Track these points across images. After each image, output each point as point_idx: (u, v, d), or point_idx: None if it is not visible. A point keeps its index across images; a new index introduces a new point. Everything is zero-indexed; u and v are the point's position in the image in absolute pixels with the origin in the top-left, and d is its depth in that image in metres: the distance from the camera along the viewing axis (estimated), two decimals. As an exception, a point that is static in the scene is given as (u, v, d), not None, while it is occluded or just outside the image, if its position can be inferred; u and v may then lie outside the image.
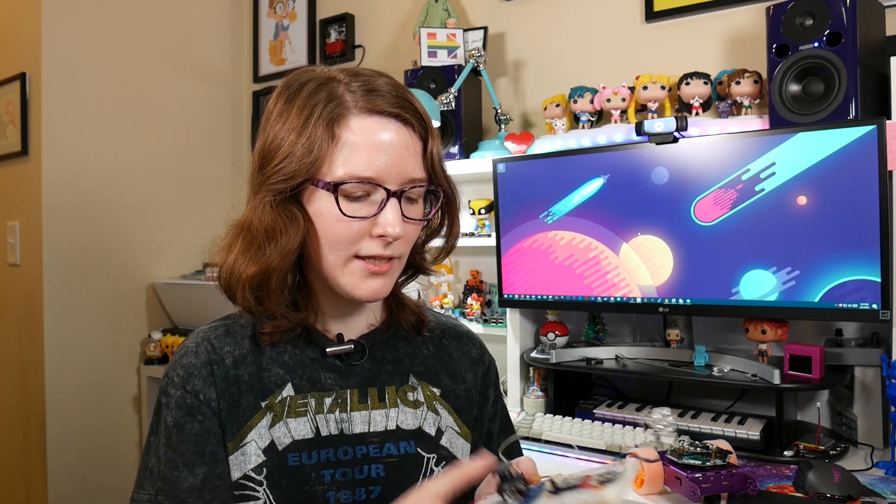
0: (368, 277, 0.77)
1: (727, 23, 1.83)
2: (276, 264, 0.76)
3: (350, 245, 0.76)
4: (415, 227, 0.80)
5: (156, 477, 0.76)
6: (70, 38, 2.39)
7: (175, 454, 0.75)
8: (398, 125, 0.76)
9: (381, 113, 0.76)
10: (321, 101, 0.75)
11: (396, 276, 0.83)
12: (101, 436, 2.46)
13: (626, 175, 1.60)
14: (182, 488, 0.74)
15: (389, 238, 0.76)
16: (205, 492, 0.74)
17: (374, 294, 0.78)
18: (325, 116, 0.74)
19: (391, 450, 0.80)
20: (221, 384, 0.77)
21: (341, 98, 0.76)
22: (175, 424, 0.76)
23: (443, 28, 2.10)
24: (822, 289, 1.39)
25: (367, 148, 0.74)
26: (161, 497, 0.74)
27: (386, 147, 0.75)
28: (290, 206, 0.76)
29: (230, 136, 2.89)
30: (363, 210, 0.75)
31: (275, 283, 0.77)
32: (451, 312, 2.07)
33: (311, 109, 0.75)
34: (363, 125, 0.75)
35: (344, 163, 0.74)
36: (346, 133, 0.74)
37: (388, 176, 0.75)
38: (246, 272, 0.76)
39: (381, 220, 0.75)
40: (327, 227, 0.76)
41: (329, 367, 0.82)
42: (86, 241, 2.42)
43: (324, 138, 0.73)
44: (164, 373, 0.80)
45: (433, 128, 0.80)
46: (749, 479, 1.14)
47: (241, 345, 0.80)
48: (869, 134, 1.32)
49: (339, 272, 0.77)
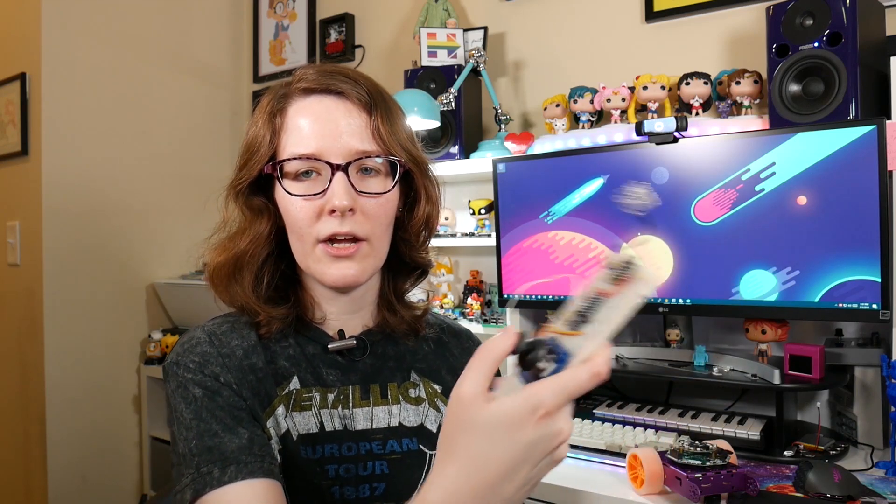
0: (334, 262, 0.78)
1: (727, 23, 1.83)
2: (244, 249, 0.79)
3: (308, 228, 0.77)
4: (376, 203, 0.78)
5: (192, 455, 0.70)
6: (70, 38, 2.39)
7: (210, 421, 0.71)
8: (334, 99, 0.78)
9: (317, 91, 0.78)
10: (271, 95, 0.81)
11: (372, 263, 0.80)
12: (101, 436, 2.46)
13: (626, 175, 1.60)
14: (229, 450, 0.69)
15: (338, 210, 0.75)
16: (254, 448, 0.70)
17: (341, 279, 0.78)
18: (269, 109, 0.79)
19: (394, 447, 0.80)
20: (237, 373, 0.76)
21: (287, 89, 0.80)
22: (205, 395, 0.73)
23: (443, 28, 2.10)
24: (822, 289, 1.39)
25: (306, 126, 0.77)
26: (205, 468, 0.68)
27: (323, 122, 0.77)
28: (255, 199, 0.81)
29: (230, 136, 2.89)
30: (311, 188, 0.77)
31: (246, 273, 0.79)
32: (451, 312, 2.07)
33: (264, 106, 0.80)
34: (301, 106, 0.78)
35: (287, 145, 0.78)
36: (286, 119, 0.79)
37: (330, 150, 0.76)
38: (216, 261, 0.80)
39: (328, 193, 0.76)
40: (287, 214, 0.79)
41: (331, 364, 0.82)
42: (86, 241, 2.43)
43: (266, 129, 0.78)
44: (170, 361, 0.77)
45: (382, 101, 0.80)
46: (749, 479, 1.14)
47: (247, 338, 0.80)
48: (869, 134, 1.32)
49: (309, 260, 0.79)
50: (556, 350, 0.52)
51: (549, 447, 0.50)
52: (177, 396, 0.74)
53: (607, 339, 0.52)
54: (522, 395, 0.49)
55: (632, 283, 0.52)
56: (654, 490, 1.22)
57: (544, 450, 0.50)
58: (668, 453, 1.20)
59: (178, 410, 0.73)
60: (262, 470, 0.69)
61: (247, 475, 0.68)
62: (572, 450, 1.47)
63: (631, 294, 0.52)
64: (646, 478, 1.21)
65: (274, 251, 0.82)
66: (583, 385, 0.50)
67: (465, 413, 0.51)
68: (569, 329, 0.52)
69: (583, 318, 0.52)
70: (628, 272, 0.53)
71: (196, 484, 0.68)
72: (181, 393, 0.74)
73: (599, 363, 0.50)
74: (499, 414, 0.49)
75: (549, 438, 0.50)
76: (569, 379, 0.50)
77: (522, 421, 0.49)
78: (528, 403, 0.49)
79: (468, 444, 0.50)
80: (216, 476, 0.68)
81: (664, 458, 1.21)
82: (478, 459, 0.50)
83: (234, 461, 0.68)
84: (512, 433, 0.49)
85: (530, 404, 0.49)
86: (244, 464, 0.68)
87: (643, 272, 0.52)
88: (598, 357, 0.51)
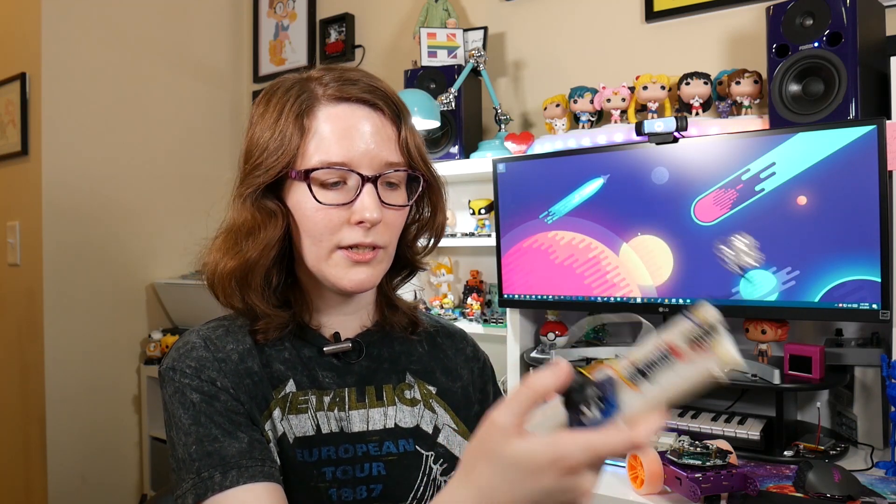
0: (352, 267, 0.77)
1: (727, 23, 1.82)
2: (255, 258, 0.77)
3: (330, 235, 0.76)
4: (397, 214, 0.80)
5: (192, 460, 0.70)
6: (70, 38, 2.39)
7: (209, 426, 0.71)
8: (368, 110, 0.77)
9: (349, 100, 0.77)
10: (293, 96, 0.77)
11: (384, 268, 0.81)
12: (101, 436, 2.46)
13: (626, 175, 1.60)
14: (230, 454, 0.69)
15: (367, 223, 0.75)
16: (255, 452, 0.70)
17: (359, 284, 0.78)
18: (294, 110, 0.76)
19: (390, 448, 0.80)
20: (234, 377, 0.75)
21: (312, 91, 0.78)
22: (202, 400, 0.73)
23: (443, 28, 2.10)
24: (822, 289, 1.38)
25: (337, 134, 0.75)
26: (206, 473, 0.68)
27: (356, 132, 0.76)
28: (268, 201, 0.78)
29: (230, 136, 2.89)
30: (339, 197, 0.76)
31: (256, 278, 0.78)
32: (451, 312, 2.07)
33: (283, 105, 0.77)
34: (332, 113, 0.76)
35: (315, 151, 0.75)
36: (315, 123, 0.76)
37: (362, 161, 0.75)
38: (226, 267, 0.78)
39: (357, 205, 0.75)
40: (306, 219, 0.77)
41: (326, 366, 0.82)
42: (86, 240, 2.43)
43: (294, 130, 0.75)
44: (166, 367, 0.76)
45: (407, 113, 0.81)
46: (749, 479, 1.14)
47: (242, 342, 0.79)
48: (869, 134, 1.32)
49: (324, 264, 0.77)
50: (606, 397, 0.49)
51: (565, 499, 0.49)
52: (174, 402, 0.74)
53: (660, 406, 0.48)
54: (549, 443, 0.48)
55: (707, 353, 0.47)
56: (654, 490, 1.22)
57: (559, 499, 0.49)
58: (668, 453, 1.20)
59: (175, 416, 0.73)
60: (262, 473, 0.69)
61: (248, 479, 0.68)
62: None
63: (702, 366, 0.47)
64: (646, 478, 1.21)
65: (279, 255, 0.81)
66: (615, 451, 0.47)
67: (491, 442, 0.50)
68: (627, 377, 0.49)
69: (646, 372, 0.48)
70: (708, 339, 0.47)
71: (197, 489, 0.68)
72: (178, 398, 0.74)
73: (641, 434, 0.47)
74: (521, 454, 0.49)
75: (566, 492, 0.48)
76: (603, 441, 0.47)
77: (542, 469, 0.48)
78: (553, 453, 0.47)
79: (486, 474, 0.50)
80: (217, 480, 0.68)
81: (664, 458, 1.21)
82: (492, 492, 0.50)
83: (235, 465, 0.69)
84: (530, 477, 0.48)
85: (555, 454, 0.47)
86: (245, 468, 0.69)
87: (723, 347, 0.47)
88: (642, 425, 0.47)
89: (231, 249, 0.78)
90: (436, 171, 0.84)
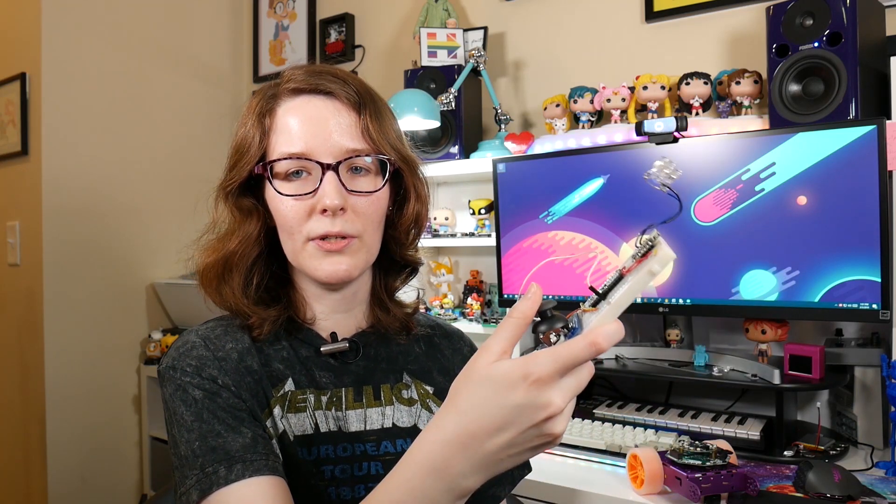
0: (325, 257, 0.78)
1: (727, 23, 1.83)
2: (234, 249, 0.80)
3: (299, 226, 0.77)
4: (367, 201, 0.79)
5: (195, 456, 0.69)
6: (70, 38, 2.39)
7: (212, 422, 0.71)
8: (323, 99, 0.79)
9: (305, 91, 0.79)
10: (259, 96, 0.81)
11: (364, 258, 0.80)
12: (101, 436, 2.46)
13: (626, 175, 1.60)
14: (234, 449, 0.69)
15: (329, 209, 0.76)
16: (259, 447, 0.70)
17: (333, 273, 0.78)
18: (257, 110, 0.80)
19: (388, 447, 0.80)
20: (234, 375, 0.76)
21: (276, 90, 0.80)
22: (205, 396, 0.73)
23: (443, 28, 2.10)
24: (822, 289, 1.39)
25: (296, 125, 0.78)
26: (210, 468, 0.68)
27: (313, 121, 0.77)
28: (245, 199, 0.81)
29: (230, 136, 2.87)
30: (302, 187, 0.77)
31: (236, 274, 0.80)
32: (450, 312, 2.07)
33: (252, 107, 0.81)
34: (290, 106, 0.79)
35: (276, 145, 0.78)
36: (275, 119, 0.79)
37: (320, 149, 0.77)
38: (206, 262, 0.81)
39: (318, 193, 0.76)
40: (278, 213, 0.79)
41: (324, 366, 0.82)
42: (86, 240, 2.43)
43: (255, 129, 0.79)
44: (166, 366, 0.76)
45: (370, 100, 0.80)
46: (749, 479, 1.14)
47: (241, 341, 0.80)
48: (869, 134, 1.32)
49: (300, 257, 0.79)
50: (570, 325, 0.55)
51: (537, 417, 0.51)
52: (175, 399, 0.74)
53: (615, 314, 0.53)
54: (519, 359, 0.52)
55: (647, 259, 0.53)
56: (654, 490, 1.22)
57: (531, 418, 0.51)
58: (668, 453, 1.20)
59: (177, 413, 0.73)
60: (267, 467, 0.69)
61: (253, 472, 0.68)
62: (572, 450, 1.48)
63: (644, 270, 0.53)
64: (646, 478, 1.21)
65: (264, 252, 0.83)
66: (577, 354, 0.51)
67: (473, 366, 0.54)
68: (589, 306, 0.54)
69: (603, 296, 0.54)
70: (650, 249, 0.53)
71: (202, 484, 0.68)
72: (180, 396, 0.74)
73: (598, 334, 0.51)
74: (494, 372, 0.52)
75: (537, 407, 0.51)
76: (567, 349, 0.51)
77: (513, 383, 0.51)
78: (521, 367, 0.51)
79: (465, 395, 0.54)
80: (222, 475, 0.68)
81: (664, 458, 1.21)
82: (470, 410, 0.53)
83: (240, 459, 0.69)
84: (502, 392, 0.51)
85: (523, 369, 0.51)
86: (250, 462, 0.69)
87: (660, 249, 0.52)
88: (598, 329, 0.51)
89: (213, 247, 0.82)
90: (412, 156, 0.84)
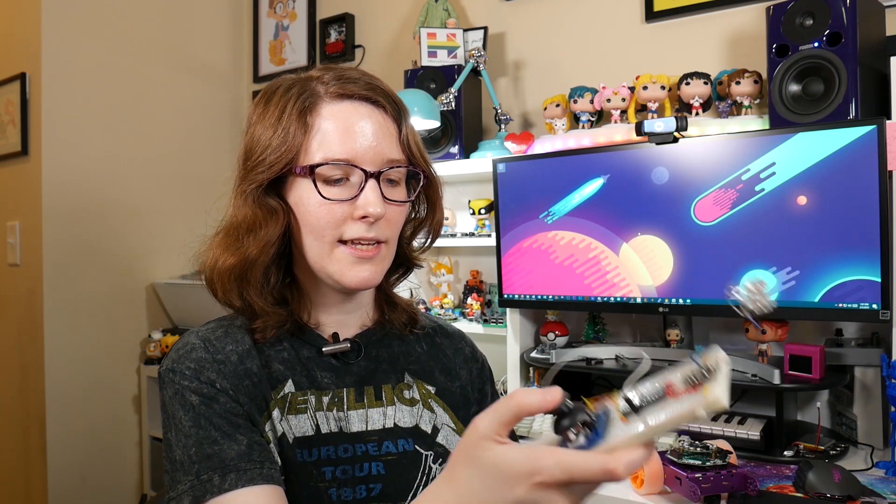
0: (356, 264, 0.78)
1: (727, 23, 1.83)
2: (255, 255, 0.77)
3: (333, 230, 0.77)
4: (398, 210, 0.81)
5: (191, 463, 0.70)
6: (70, 38, 2.39)
7: (209, 429, 0.71)
8: (370, 107, 0.79)
9: (351, 97, 0.78)
10: (294, 95, 0.78)
11: (386, 265, 0.82)
12: (101, 436, 2.46)
13: (626, 175, 1.60)
14: (229, 457, 0.70)
15: (371, 218, 0.76)
16: (254, 454, 0.71)
17: (363, 281, 0.78)
18: (297, 108, 0.77)
19: (389, 448, 0.80)
20: (233, 379, 0.76)
21: (313, 89, 0.79)
22: (202, 402, 0.73)
23: (443, 28, 2.10)
24: (822, 289, 1.38)
25: (340, 131, 0.77)
26: (205, 475, 0.69)
27: (359, 129, 0.77)
28: (269, 198, 0.78)
29: (230, 136, 2.89)
30: (343, 193, 0.77)
31: (255, 276, 0.78)
32: (451, 312, 2.07)
33: (284, 104, 0.78)
34: (335, 110, 0.78)
35: (319, 148, 0.76)
36: (318, 120, 0.77)
37: (365, 157, 0.77)
38: (225, 263, 0.78)
39: (360, 201, 0.76)
40: (309, 214, 0.77)
41: (325, 367, 0.82)
42: (86, 240, 2.43)
43: (297, 128, 0.76)
44: (166, 368, 0.76)
45: (406, 111, 0.82)
46: (749, 479, 1.14)
47: (241, 342, 0.79)
48: (869, 134, 1.32)
49: (327, 260, 0.78)
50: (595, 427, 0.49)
51: None
52: (174, 403, 0.74)
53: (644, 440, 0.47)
54: (527, 454, 0.48)
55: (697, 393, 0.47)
56: (654, 490, 1.22)
57: None
58: (668, 453, 1.20)
59: (175, 417, 0.73)
60: (261, 476, 0.69)
61: (247, 482, 0.68)
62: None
63: (688, 404, 0.47)
64: (646, 478, 1.21)
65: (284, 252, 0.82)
66: (589, 475, 0.46)
67: (474, 447, 0.51)
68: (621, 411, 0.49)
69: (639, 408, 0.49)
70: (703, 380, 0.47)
71: (195, 490, 0.69)
72: (178, 400, 0.74)
73: (618, 462, 0.46)
74: (499, 460, 0.50)
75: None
76: (578, 461, 0.47)
77: (518, 478, 0.48)
78: (529, 464, 0.48)
79: (465, 477, 0.52)
80: (216, 483, 0.68)
81: (664, 458, 1.21)
82: (469, 494, 0.51)
83: (234, 468, 0.69)
84: (505, 484, 0.49)
85: (530, 466, 0.48)
86: (244, 471, 0.69)
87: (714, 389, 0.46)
88: (620, 454, 0.47)
89: (231, 246, 0.79)
90: (433, 167, 0.86)
